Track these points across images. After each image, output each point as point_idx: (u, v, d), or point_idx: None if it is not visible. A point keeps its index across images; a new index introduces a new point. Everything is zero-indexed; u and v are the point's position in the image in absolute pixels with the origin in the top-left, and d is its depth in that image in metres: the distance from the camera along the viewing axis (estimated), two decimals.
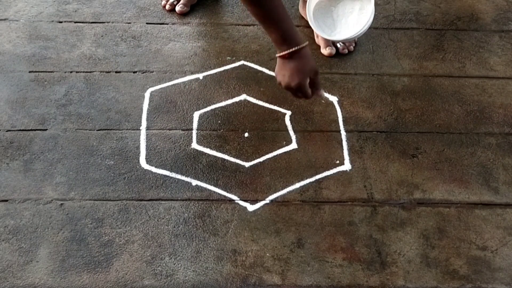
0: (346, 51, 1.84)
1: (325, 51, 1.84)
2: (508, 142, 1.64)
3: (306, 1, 1.86)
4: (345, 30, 1.76)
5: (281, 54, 1.42)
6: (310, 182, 1.53)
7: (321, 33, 1.77)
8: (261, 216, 1.46)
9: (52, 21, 1.92)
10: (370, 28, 1.75)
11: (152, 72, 1.78)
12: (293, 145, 1.61)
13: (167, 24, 1.93)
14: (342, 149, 1.61)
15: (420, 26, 1.96)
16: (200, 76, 1.78)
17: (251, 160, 1.57)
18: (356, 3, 1.77)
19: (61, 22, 1.92)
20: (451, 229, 1.45)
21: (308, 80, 1.45)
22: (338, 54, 1.84)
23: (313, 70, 1.45)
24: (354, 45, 1.86)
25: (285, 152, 1.60)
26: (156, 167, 1.55)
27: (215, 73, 1.78)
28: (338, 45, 1.84)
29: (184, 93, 1.73)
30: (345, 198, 1.51)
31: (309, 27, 1.89)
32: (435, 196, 1.52)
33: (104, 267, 1.36)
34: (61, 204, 1.47)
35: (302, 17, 1.94)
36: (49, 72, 1.77)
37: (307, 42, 1.42)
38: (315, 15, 1.77)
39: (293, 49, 1.41)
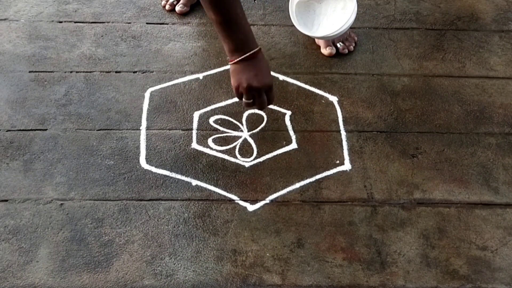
0: (346, 51, 1.84)
1: (325, 51, 1.84)
2: (508, 142, 1.64)
3: None
4: (324, 28, 1.77)
5: (254, 51, 1.46)
6: (310, 182, 1.53)
7: (301, 29, 1.77)
8: (261, 216, 1.46)
9: (52, 21, 1.92)
10: (370, 28, 1.75)
11: (152, 72, 1.78)
12: (293, 145, 1.61)
13: (167, 24, 1.93)
14: (342, 149, 1.61)
15: (420, 26, 1.96)
16: (200, 76, 1.78)
17: (251, 160, 1.58)
18: (339, 2, 1.78)
19: (61, 22, 1.92)
20: (451, 229, 1.45)
21: None
22: (338, 54, 1.84)
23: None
24: (354, 45, 1.86)
25: (285, 152, 1.60)
26: (156, 167, 1.55)
27: (215, 73, 1.78)
28: (338, 45, 1.84)
29: (184, 93, 1.73)
30: (345, 198, 1.51)
31: None
32: (435, 196, 1.52)
33: (104, 267, 1.36)
34: (61, 204, 1.47)
35: None
36: (49, 72, 1.77)
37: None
38: (298, 10, 1.78)
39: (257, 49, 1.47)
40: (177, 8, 1.95)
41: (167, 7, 1.96)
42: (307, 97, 1.73)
